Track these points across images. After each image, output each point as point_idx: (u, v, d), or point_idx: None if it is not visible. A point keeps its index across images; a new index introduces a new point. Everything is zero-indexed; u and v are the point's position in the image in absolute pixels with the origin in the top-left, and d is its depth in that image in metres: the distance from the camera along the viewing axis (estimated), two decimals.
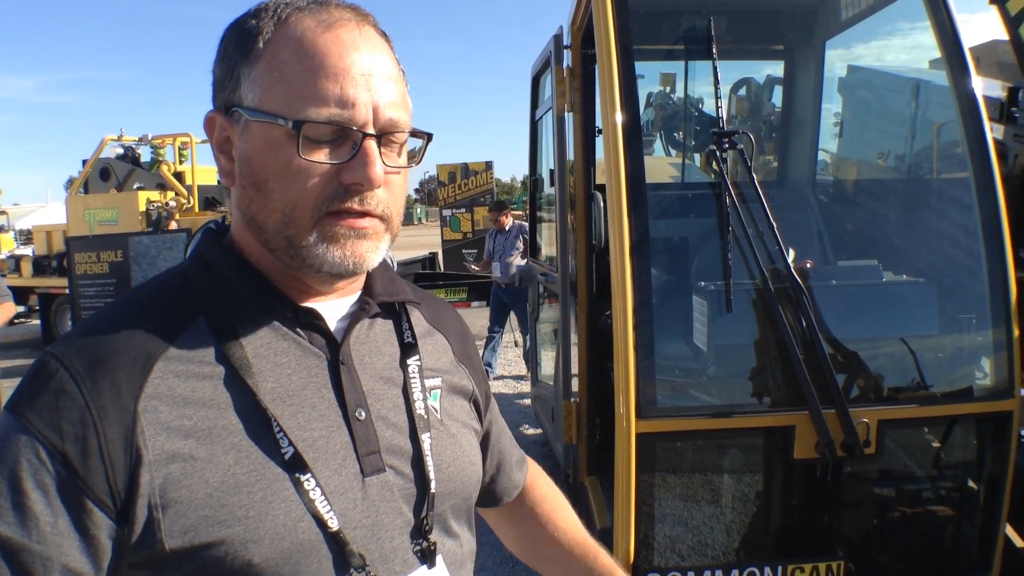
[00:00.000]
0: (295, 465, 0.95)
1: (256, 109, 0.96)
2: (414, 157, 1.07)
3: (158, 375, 0.92)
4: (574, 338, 4.55)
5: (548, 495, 1.50)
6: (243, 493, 0.91)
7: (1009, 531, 3.40)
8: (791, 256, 3.16)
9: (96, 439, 0.86)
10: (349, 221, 0.97)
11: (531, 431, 7.15)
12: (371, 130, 0.96)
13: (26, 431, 0.86)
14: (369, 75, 0.96)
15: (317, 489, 0.95)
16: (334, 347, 1.05)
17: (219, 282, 1.03)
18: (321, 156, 0.95)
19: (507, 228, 9.68)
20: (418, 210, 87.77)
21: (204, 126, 1.05)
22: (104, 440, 0.86)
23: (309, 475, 0.95)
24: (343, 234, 0.97)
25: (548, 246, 6.16)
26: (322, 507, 0.95)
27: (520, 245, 9.37)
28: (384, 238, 1.02)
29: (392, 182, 1.01)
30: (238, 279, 1.03)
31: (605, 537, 3.46)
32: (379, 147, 0.97)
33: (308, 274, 1.02)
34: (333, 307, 1.08)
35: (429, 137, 1.07)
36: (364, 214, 0.98)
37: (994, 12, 4.22)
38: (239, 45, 0.99)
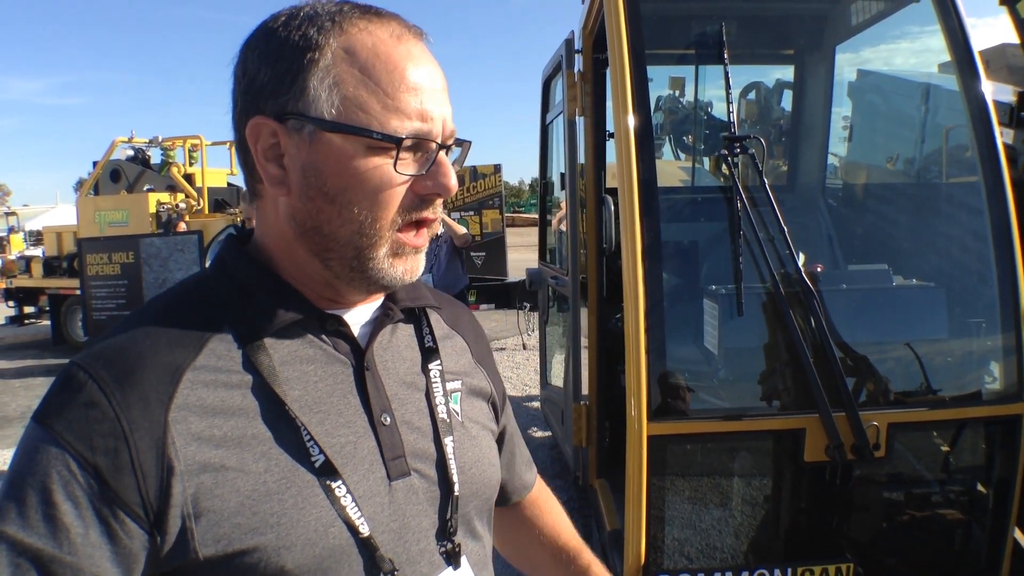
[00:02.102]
0: (326, 472, 0.96)
1: (336, 121, 0.96)
2: (456, 162, 1.10)
3: (187, 385, 0.93)
4: (584, 341, 4.56)
5: (546, 503, 1.53)
6: (274, 500, 0.92)
7: (1018, 535, 3.40)
8: (801, 260, 3.17)
9: (127, 451, 0.87)
10: (415, 240, 1.03)
11: (540, 434, 7.16)
12: (441, 141, 1.00)
13: (56, 443, 0.87)
14: (439, 89, 1.00)
15: (348, 495, 0.97)
16: (359, 353, 1.06)
17: (242, 290, 1.03)
18: (407, 169, 0.98)
19: (438, 233, 8.01)
20: None
21: (247, 132, 1.00)
22: (135, 452, 0.87)
23: (340, 482, 0.97)
24: (408, 251, 1.02)
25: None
26: (352, 513, 0.96)
27: (449, 254, 7.99)
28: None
29: None
30: (262, 287, 1.03)
31: (615, 539, 3.48)
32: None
33: (359, 286, 1.04)
34: (356, 313, 1.10)
35: (469, 145, 1.11)
36: (430, 223, 1.04)
37: (1003, 16, 4.22)
38: (297, 51, 0.97)
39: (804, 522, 3.25)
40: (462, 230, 8.26)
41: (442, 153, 1.00)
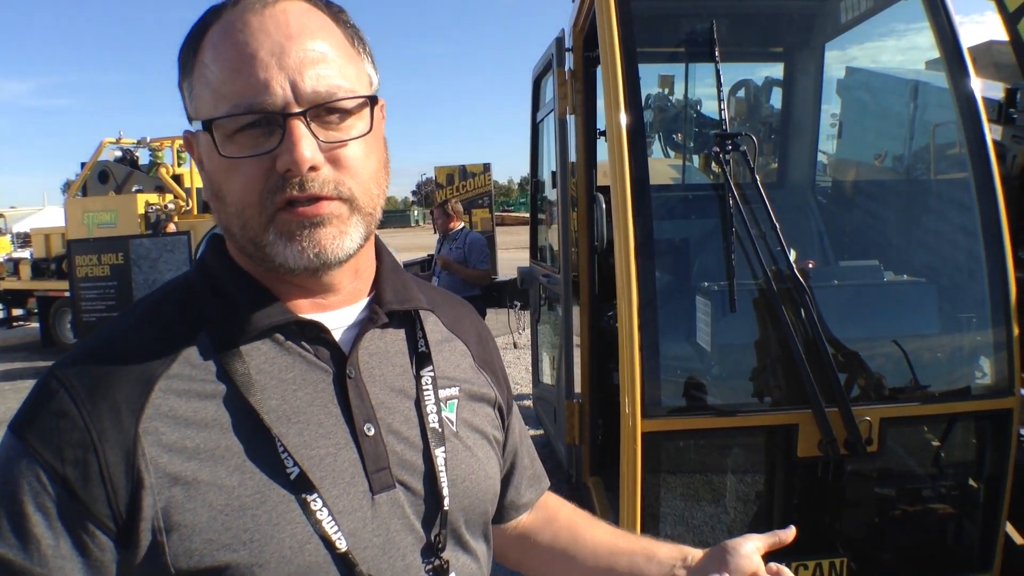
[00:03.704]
0: (301, 486, 0.92)
1: (194, 120, 0.96)
2: (373, 129, 1.00)
3: (159, 395, 0.90)
4: (576, 339, 4.57)
5: (576, 514, 1.40)
6: (248, 516, 0.89)
7: (1009, 529, 3.42)
8: (793, 256, 3.19)
9: (96, 462, 0.85)
10: (299, 211, 0.92)
11: (533, 432, 7.16)
12: (295, 109, 0.90)
13: (27, 454, 0.85)
14: (281, 53, 0.90)
15: (324, 510, 0.93)
16: (341, 360, 1.01)
17: (221, 295, 1.00)
18: (248, 150, 0.91)
19: (452, 235, 7.97)
20: (415, 212, 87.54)
21: (185, 147, 1.06)
22: (104, 463, 0.85)
23: (316, 495, 0.93)
24: (296, 225, 0.92)
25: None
26: (329, 528, 0.92)
27: (465, 258, 7.74)
28: (351, 220, 0.96)
29: (342, 157, 0.94)
30: (240, 291, 0.99)
31: None
32: (310, 123, 0.91)
33: (283, 276, 0.98)
34: (339, 317, 1.04)
35: (372, 101, 0.99)
36: (314, 199, 0.92)
37: (990, 14, 4.25)
38: (180, 64, 0.98)
39: (797, 517, 3.26)
40: (474, 272, 7.85)
41: (294, 123, 0.90)
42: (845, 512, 3.27)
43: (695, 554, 1.27)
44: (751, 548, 1.21)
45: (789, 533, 1.25)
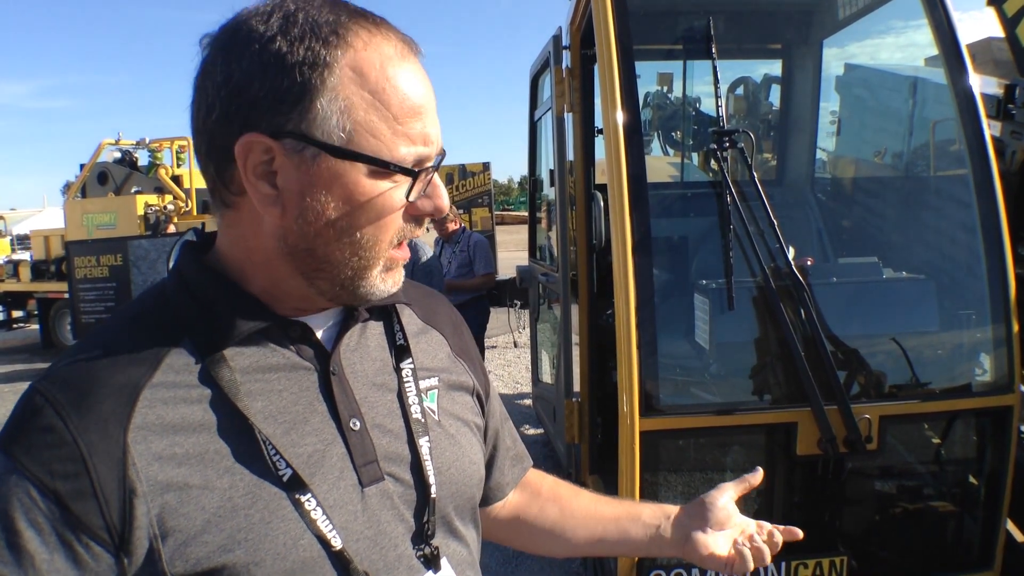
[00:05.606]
0: (292, 484, 0.94)
1: (347, 148, 0.90)
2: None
3: (145, 404, 0.90)
4: (575, 337, 4.56)
5: (559, 486, 1.46)
6: (241, 516, 0.90)
7: (1010, 526, 3.41)
8: (791, 254, 3.18)
9: (87, 476, 0.85)
10: (403, 255, 1.02)
11: (532, 431, 7.16)
12: (433, 161, 0.98)
13: (15, 470, 0.85)
14: (434, 109, 0.98)
15: (318, 509, 0.95)
16: (324, 358, 1.03)
17: (200, 300, 0.99)
18: (402, 191, 0.96)
19: (455, 238, 7.45)
20: None
21: (237, 148, 0.91)
22: (95, 476, 0.85)
23: (309, 495, 0.95)
24: (398, 265, 1.02)
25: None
26: (323, 524, 0.94)
27: (471, 261, 7.30)
28: None
29: None
30: (220, 297, 0.99)
31: None
32: None
33: (341, 300, 1.03)
34: (320, 317, 1.06)
35: (444, 155, 1.06)
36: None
37: (988, 11, 4.24)
38: (303, 67, 0.89)
39: (797, 516, 3.25)
40: (476, 281, 7.53)
41: (437, 175, 0.99)
42: (845, 510, 3.26)
43: (676, 512, 1.40)
44: (726, 500, 1.35)
45: (757, 476, 1.40)
